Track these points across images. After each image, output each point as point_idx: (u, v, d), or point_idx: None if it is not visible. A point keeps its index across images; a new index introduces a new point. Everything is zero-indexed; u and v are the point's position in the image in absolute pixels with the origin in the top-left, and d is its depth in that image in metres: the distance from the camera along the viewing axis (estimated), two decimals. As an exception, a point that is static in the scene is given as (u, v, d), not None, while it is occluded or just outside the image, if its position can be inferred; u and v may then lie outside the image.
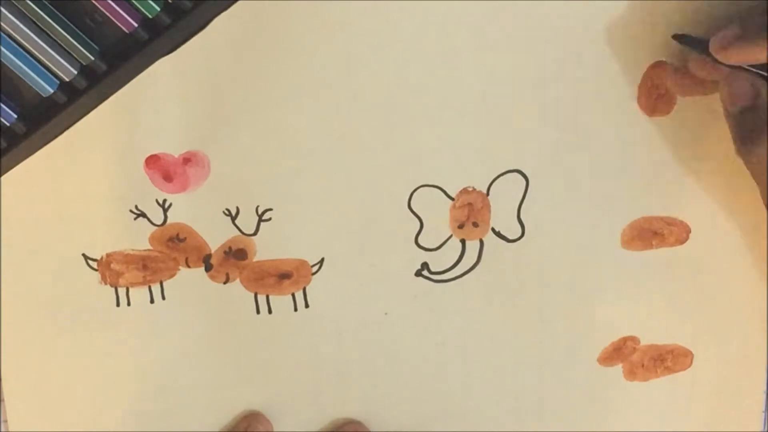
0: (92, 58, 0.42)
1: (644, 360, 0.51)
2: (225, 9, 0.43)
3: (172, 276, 0.47)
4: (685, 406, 0.52)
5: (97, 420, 0.48)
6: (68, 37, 0.42)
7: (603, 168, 0.47)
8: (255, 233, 0.47)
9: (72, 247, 0.46)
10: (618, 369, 0.51)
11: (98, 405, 0.48)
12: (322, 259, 0.48)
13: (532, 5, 0.44)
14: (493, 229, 0.48)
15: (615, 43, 0.45)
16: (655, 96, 0.46)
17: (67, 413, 0.48)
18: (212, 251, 0.47)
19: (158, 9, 0.42)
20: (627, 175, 0.48)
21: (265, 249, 0.47)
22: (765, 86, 0.43)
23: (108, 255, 0.46)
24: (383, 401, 0.50)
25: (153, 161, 0.45)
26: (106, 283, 0.47)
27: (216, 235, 0.47)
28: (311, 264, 0.48)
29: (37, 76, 0.42)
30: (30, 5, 0.41)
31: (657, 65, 0.46)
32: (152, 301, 0.47)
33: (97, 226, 0.46)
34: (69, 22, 0.42)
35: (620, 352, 0.51)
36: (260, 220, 0.46)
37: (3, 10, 0.41)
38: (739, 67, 0.42)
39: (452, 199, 0.47)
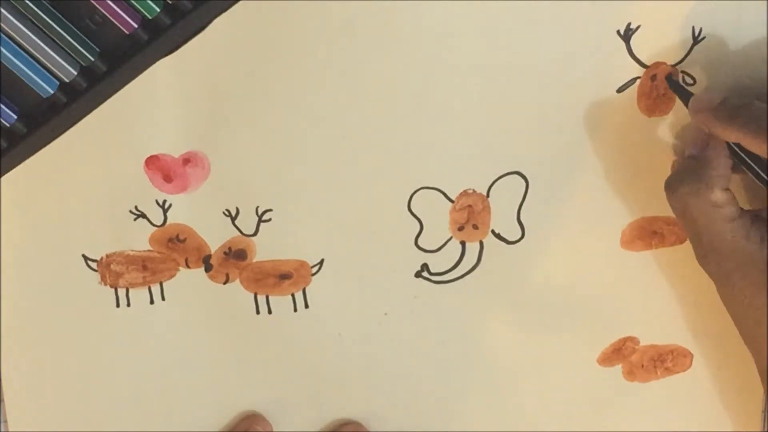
0: (92, 59, 0.42)
1: (644, 360, 0.51)
2: (225, 10, 0.43)
3: (171, 277, 0.47)
4: (685, 406, 0.52)
5: (97, 420, 0.49)
6: (68, 38, 0.42)
7: (603, 168, 0.47)
8: (255, 234, 0.47)
9: (72, 247, 0.46)
10: (617, 370, 0.51)
11: (98, 405, 0.48)
12: (322, 260, 0.47)
13: (532, 6, 0.44)
14: (493, 231, 0.48)
15: (614, 44, 0.45)
16: (654, 96, 0.46)
17: (67, 413, 0.48)
18: (212, 252, 0.47)
19: (158, 10, 0.42)
20: (627, 175, 0.48)
21: (265, 249, 0.47)
22: (719, 147, 0.43)
23: (108, 256, 0.46)
24: (383, 401, 0.50)
25: (153, 162, 0.45)
26: (105, 284, 0.47)
27: (216, 236, 0.47)
28: (311, 265, 0.47)
29: (37, 77, 0.42)
30: (30, 6, 0.41)
31: (656, 66, 0.46)
32: (152, 302, 0.47)
33: (97, 227, 0.46)
34: (69, 23, 0.42)
35: (620, 353, 0.51)
36: (260, 221, 0.46)
37: (3, 11, 0.41)
38: None
39: (452, 201, 0.47)
